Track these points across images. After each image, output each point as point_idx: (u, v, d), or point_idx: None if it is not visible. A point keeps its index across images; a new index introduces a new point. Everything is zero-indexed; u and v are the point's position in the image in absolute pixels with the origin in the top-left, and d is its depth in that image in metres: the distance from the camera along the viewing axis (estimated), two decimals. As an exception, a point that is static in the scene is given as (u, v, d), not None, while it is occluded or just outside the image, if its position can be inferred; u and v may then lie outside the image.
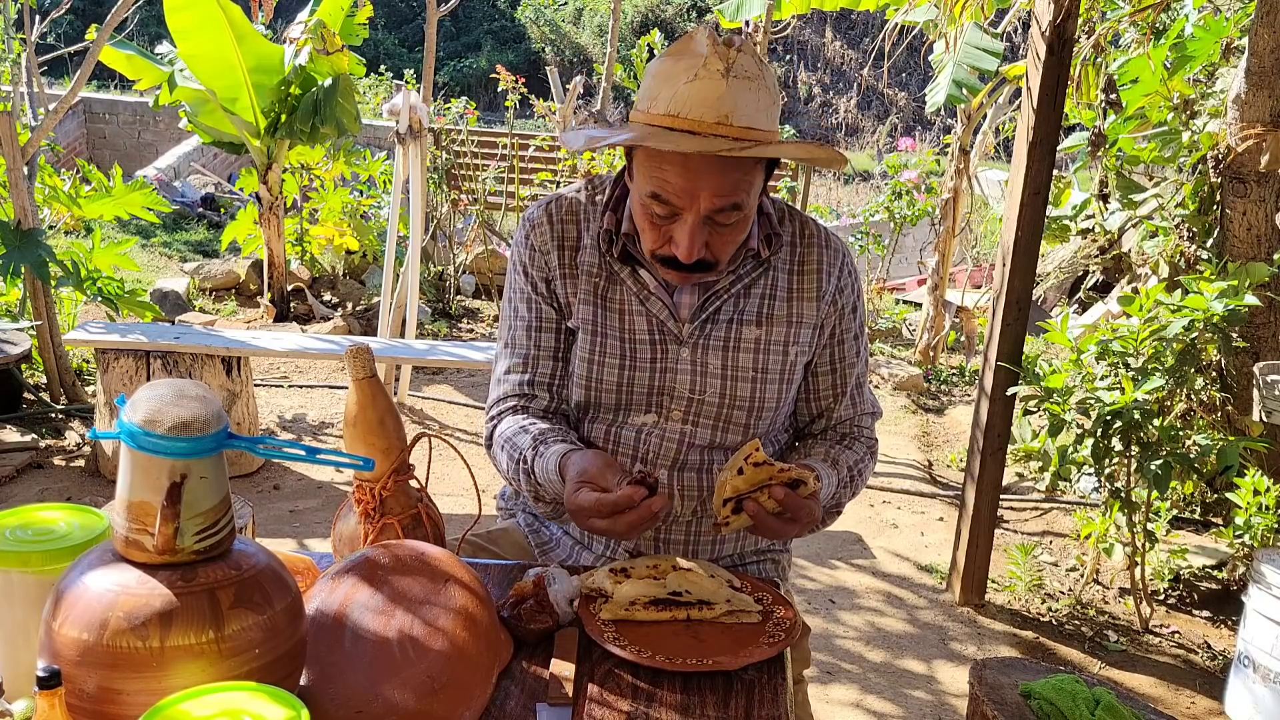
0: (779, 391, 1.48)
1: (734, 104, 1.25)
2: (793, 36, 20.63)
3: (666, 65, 1.29)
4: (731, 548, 1.54)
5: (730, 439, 1.48)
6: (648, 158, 1.32)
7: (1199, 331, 2.94)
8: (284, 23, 7.18)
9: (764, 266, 1.47)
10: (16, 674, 1.07)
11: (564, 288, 1.49)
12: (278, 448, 1.07)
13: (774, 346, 1.46)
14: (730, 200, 1.30)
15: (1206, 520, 3.78)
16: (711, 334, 1.45)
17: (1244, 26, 3.80)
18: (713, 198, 1.29)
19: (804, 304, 1.48)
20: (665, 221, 1.33)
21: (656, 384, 1.47)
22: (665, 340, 1.46)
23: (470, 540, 1.54)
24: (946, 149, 6.00)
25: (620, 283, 1.47)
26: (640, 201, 1.35)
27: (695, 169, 1.27)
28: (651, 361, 1.46)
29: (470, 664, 1.00)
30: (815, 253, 1.49)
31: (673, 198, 1.30)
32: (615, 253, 1.46)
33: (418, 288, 4.79)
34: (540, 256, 1.50)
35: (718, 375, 1.45)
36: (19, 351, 4.22)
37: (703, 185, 1.28)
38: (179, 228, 9.02)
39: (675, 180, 1.29)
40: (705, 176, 1.27)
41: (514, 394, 1.52)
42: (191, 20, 5.46)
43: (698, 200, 1.29)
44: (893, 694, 2.76)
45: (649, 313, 1.46)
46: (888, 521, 3.98)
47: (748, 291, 1.46)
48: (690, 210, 1.30)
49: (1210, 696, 2.81)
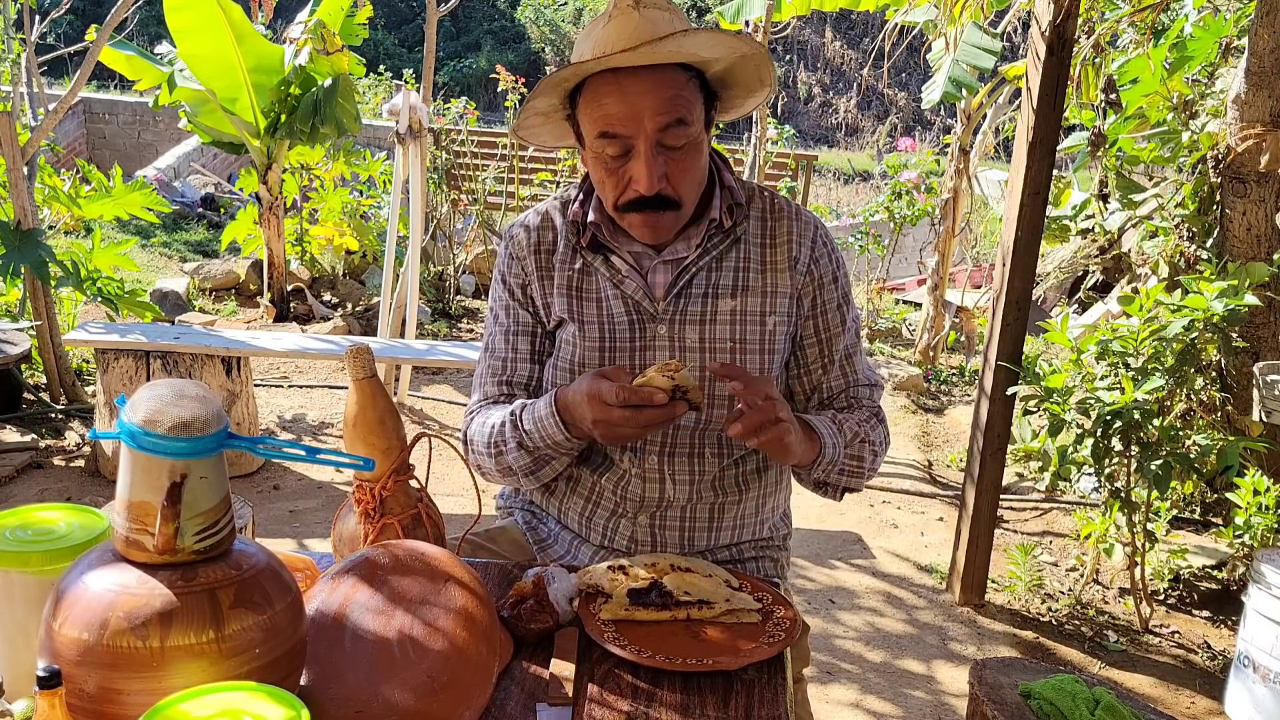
0: (761, 362, 1.49)
1: (651, 28, 1.33)
2: (793, 36, 20.64)
3: (587, 27, 1.42)
4: (729, 536, 1.54)
5: (716, 415, 1.48)
6: (589, 106, 1.38)
7: (1199, 331, 2.94)
8: (284, 23, 7.19)
9: (731, 238, 1.49)
10: (16, 674, 1.07)
11: (541, 290, 1.54)
12: (278, 448, 1.07)
13: (750, 317, 1.48)
14: (673, 115, 1.35)
15: (1206, 520, 3.78)
16: (687, 309, 1.47)
17: (1244, 26, 3.80)
18: (656, 115, 1.34)
19: (777, 274, 1.50)
20: (620, 163, 1.38)
21: (637, 364, 1.48)
22: (642, 319, 1.48)
23: (470, 539, 1.54)
24: (946, 149, 6.00)
25: (594, 272, 1.51)
26: (594, 156, 1.41)
27: (632, 93, 1.34)
28: (630, 341, 1.49)
29: (470, 664, 1.00)
30: (785, 224, 1.52)
31: (619, 127, 1.36)
32: (585, 242, 1.50)
33: (418, 288, 4.79)
34: (517, 264, 1.56)
35: (696, 349, 1.47)
36: (19, 351, 4.22)
37: (644, 106, 1.33)
38: (179, 228, 9.02)
39: (617, 109, 1.35)
40: (643, 97, 1.34)
41: (491, 395, 1.58)
42: (191, 20, 5.47)
43: (643, 122, 1.34)
44: (892, 694, 2.76)
45: (624, 295, 1.49)
46: (888, 521, 3.98)
47: (719, 264, 1.49)
48: (639, 136, 1.35)
49: (1210, 696, 2.81)
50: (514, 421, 1.47)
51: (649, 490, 1.49)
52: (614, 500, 1.51)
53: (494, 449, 1.50)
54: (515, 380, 1.57)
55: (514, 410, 1.49)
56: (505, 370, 1.57)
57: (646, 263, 1.50)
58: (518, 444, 1.47)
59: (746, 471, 1.53)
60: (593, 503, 1.54)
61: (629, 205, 1.41)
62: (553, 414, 1.41)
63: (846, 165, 16.40)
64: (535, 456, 1.48)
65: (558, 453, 1.47)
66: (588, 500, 1.54)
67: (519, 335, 1.57)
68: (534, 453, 1.47)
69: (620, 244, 1.50)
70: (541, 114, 1.49)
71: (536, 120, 1.50)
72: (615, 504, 1.52)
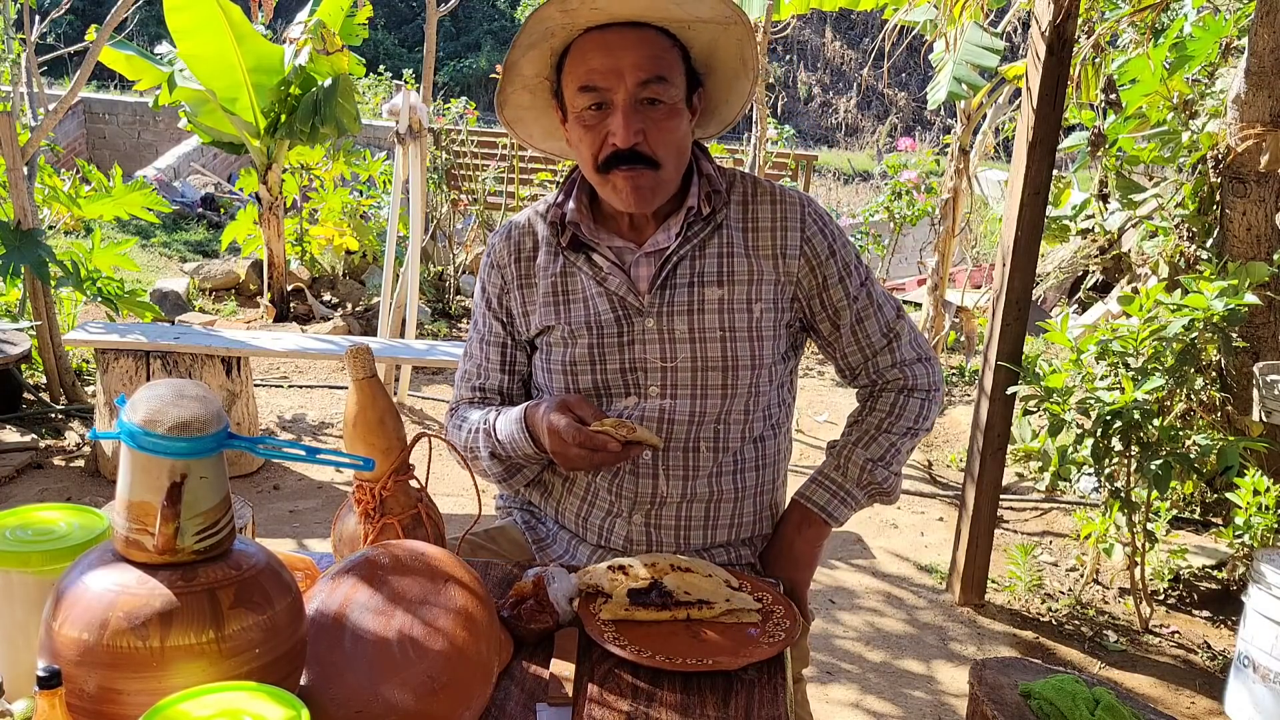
0: (751, 349, 1.48)
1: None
2: (793, 36, 20.64)
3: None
4: (725, 535, 1.55)
5: (710, 407, 1.48)
6: (573, 65, 1.40)
7: (1199, 331, 2.94)
8: (284, 23, 7.18)
9: (713, 225, 1.49)
10: (16, 674, 1.07)
11: (520, 299, 1.55)
12: (278, 448, 1.07)
13: (737, 304, 1.47)
14: (654, 72, 1.37)
15: (1206, 520, 3.78)
16: (673, 300, 1.47)
17: (1244, 26, 3.80)
18: (636, 70, 1.36)
19: (762, 260, 1.49)
20: (599, 118, 1.39)
21: (627, 360, 1.48)
22: (629, 314, 1.48)
23: (470, 539, 1.54)
24: (946, 149, 6.00)
25: (577, 272, 1.51)
26: (575, 117, 1.42)
27: (615, 47, 1.36)
28: (619, 337, 1.48)
29: (470, 664, 1.00)
30: (767, 208, 1.50)
31: (599, 80, 1.37)
32: (565, 242, 1.51)
33: (417, 288, 4.79)
34: (496, 272, 1.57)
35: (686, 340, 1.47)
36: (19, 351, 4.22)
37: (624, 61, 1.36)
38: (179, 228, 9.02)
39: (599, 62, 1.37)
40: (626, 52, 1.36)
41: (466, 398, 1.63)
42: (191, 20, 5.46)
43: (623, 77, 1.36)
44: (892, 694, 2.76)
45: (609, 292, 1.49)
46: (887, 521, 3.98)
47: (701, 252, 1.48)
48: (618, 90, 1.36)
49: (1210, 696, 2.81)
50: (487, 430, 1.51)
51: (642, 486, 1.49)
52: (609, 499, 1.52)
53: (469, 453, 1.56)
54: (488, 386, 1.61)
55: (487, 418, 1.52)
56: (479, 376, 1.62)
57: (628, 257, 1.50)
58: (490, 453, 1.52)
59: (742, 469, 1.53)
60: (588, 502, 1.54)
61: (607, 162, 1.40)
62: (522, 430, 1.45)
63: (846, 165, 16.40)
64: (507, 465, 1.53)
65: (529, 462, 1.52)
66: (583, 500, 1.55)
67: (491, 345, 1.60)
68: (505, 461, 1.52)
69: (601, 240, 1.50)
70: (529, 88, 1.49)
71: (524, 98, 1.50)
72: (610, 503, 1.52)
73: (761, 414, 1.53)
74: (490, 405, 1.59)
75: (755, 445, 1.54)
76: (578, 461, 1.36)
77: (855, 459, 1.56)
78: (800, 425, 5.08)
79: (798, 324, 1.57)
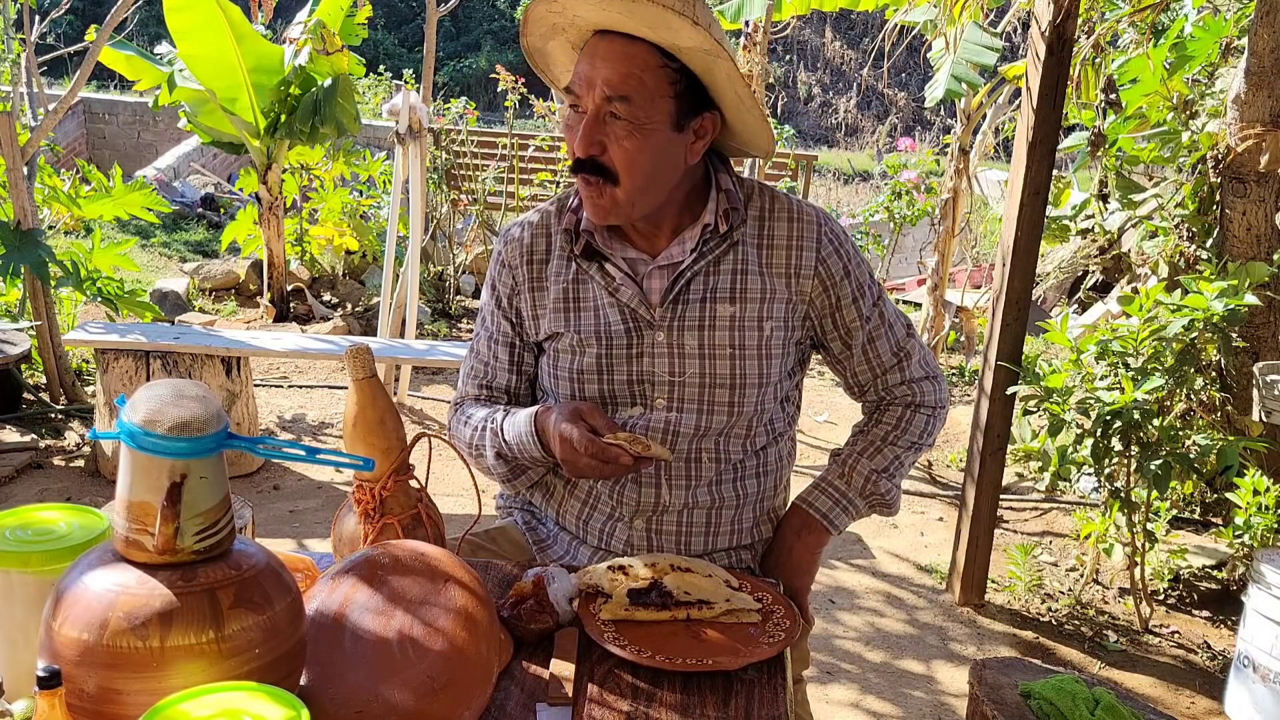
0: (760, 367, 1.47)
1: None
2: (793, 36, 20.63)
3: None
4: (726, 540, 1.54)
5: (715, 421, 1.47)
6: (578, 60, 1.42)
7: (1199, 331, 2.94)
8: (284, 23, 7.19)
9: (728, 242, 1.47)
10: (16, 674, 1.07)
11: (530, 301, 1.54)
12: (278, 448, 1.07)
13: (749, 322, 1.46)
14: (619, 90, 1.35)
15: (1206, 520, 3.78)
16: (685, 315, 1.46)
17: (1244, 26, 3.80)
18: (604, 85, 1.36)
19: (775, 278, 1.48)
20: (578, 121, 1.40)
21: (635, 372, 1.47)
22: (639, 327, 1.47)
23: (470, 539, 1.54)
24: (946, 149, 6.00)
25: (589, 280, 1.50)
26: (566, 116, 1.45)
27: (599, 56, 1.37)
28: (628, 349, 1.47)
29: (470, 664, 1.00)
30: (784, 226, 1.49)
31: (576, 85, 1.39)
32: (578, 249, 1.49)
33: (417, 288, 4.79)
34: (507, 271, 1.56)
35: (695, 355, 1.46)
36: (19, 352, 4.22)
37: (599, 72, 1.36)
38: (179, 228, 9.02)
39: (583, 67, 1.38)
40: (604, 64, 1.36)
41: (472, 395, 1.62)
42: (191, 20, 5.46)
43: (594, 88, 1.36)
44: (892, 694, 2.76)
45: (620, 303, 1.48)
46: (887, 521, 3.98)
47: (716, 268, 1.47)
48: (588, 99, 1.37)
49: (1210, 697, 2.81)
50: (494, 430, 1.50)
51: (644, 494, 1.49)
52: (610, 504, 1.51)
53: (474, 450, 1.55)
54: (495, 385, 1.60)
55: (494, 418, 1.51)
56: (486, 374, 1.60)
57: (641, 269, 1.48)
58: (496, 453, 1.52)
59: (744, 476, 1.53)
60: (589, 505, 1.54)
61: (576, 165, 1.41)
62: (532, 434, 1.44)
63: (846, 165, 16.39)
64: (512, 466, 1.53)
65: (534, 465, 1.52)
66: (584, 503, 1.54)
67: (499, 344, 1.59)
68: (511, 463, 1.52)
69: (614, 250, 1.48)
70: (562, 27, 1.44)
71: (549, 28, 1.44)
72: (612, 507, 1.52)
73: (765, 426, 1.53)
74: (496, 404, 1.58)
75: (757, 454, 1.54)
76: (587, 471, 1.35)
77: (860, 469, 1.56)
78: (800, 425, 5.08)
79: (808, 341, 1.56)
